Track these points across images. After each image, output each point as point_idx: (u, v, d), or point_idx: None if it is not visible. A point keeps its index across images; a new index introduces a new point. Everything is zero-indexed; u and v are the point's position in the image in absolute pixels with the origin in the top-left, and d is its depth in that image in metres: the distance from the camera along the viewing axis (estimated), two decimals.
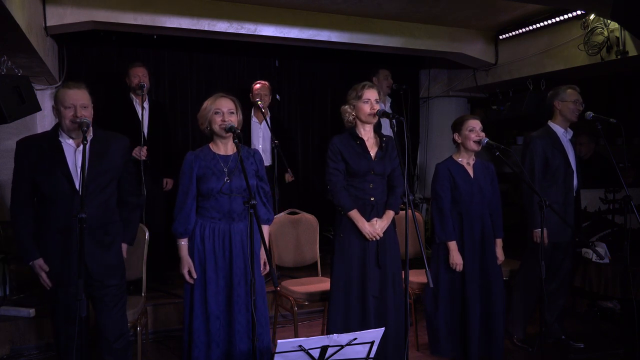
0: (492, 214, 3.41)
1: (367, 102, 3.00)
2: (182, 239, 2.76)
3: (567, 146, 3.67)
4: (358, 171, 3.02)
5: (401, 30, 5.15)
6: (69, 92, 2.56)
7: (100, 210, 2.62)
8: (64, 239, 2.55)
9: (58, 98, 2.57)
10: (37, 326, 3.75)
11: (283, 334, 3.99)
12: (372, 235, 2.99)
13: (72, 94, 2.55)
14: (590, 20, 4.49)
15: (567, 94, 3.65)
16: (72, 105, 2.53)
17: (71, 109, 2.53)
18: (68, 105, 2.53)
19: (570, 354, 3.71)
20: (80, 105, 2.54)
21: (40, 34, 4.01)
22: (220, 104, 2.73)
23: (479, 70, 5.84)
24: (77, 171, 2.56)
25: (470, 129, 3.29)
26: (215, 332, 2.71)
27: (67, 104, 2.53)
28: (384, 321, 3.02)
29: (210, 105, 2.75)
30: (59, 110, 2.56)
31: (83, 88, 2.61)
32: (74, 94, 2.55)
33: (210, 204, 2.73)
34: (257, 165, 2.85)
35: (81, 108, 2.54)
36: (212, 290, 2.72)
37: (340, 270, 3.06)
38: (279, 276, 4.37)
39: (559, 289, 3.78)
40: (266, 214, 2.89)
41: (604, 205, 4.22)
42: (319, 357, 2.06)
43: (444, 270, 3.36)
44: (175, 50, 5.51)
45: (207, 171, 2.72)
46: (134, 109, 4.38)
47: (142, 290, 3.39)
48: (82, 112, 2.53)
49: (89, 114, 2.58)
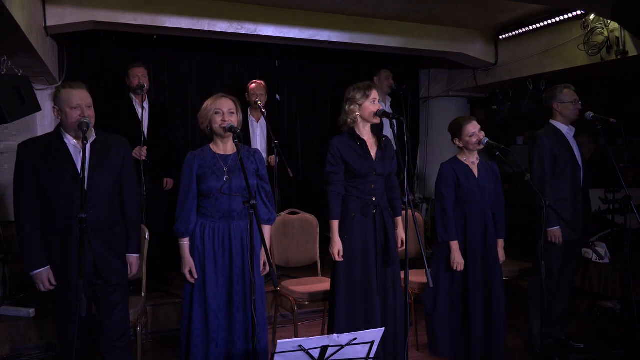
0: (495, 214, 3.40)
1: (374, 101, 3.02)
2: (183, 238, 2.77)
3: (572, 142, 3.65)
4: (360, 172, 3.02)
5: (401, 30, 5.16)
6: (74, 92, 2.55)
7: (106, 210, 2.63)
8: (66, 240, 2.55)
9: (62, 98, 2.54)
10: (37, 326, 3.75)
11: (283, 334, 3.99)
12: (335, 253, 3.02)
13: (78, 94, 2.55)
14: (590, 20, 4.49)
15: (564, 95, 3.63)
16: (78, 106, 2.53)
17: (78, 109, 2.53)
18: (74, 106, 2.52)
19: (570, 354, 3.70)
20: (86, 105, 2.55)
21: (40, 34, 4.01)
22: (220, 104, 2.74)
23: (479, 70, 5.84)
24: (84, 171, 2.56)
25: (471, 135, 3.29)
26: (214, 331, 2.72)
27: (74, 105, 2.52)
28: (387, 321, 3.03)
29: (210, 105, 2.76)
30: (62, 111, 2.54)
31: (85, 88, 2.61)
32: (79, 94, 2.55)
33: (211, 203, 2.74)
34: (258, 164, 2.85)
35: (87, 108, 2.55)
36: (212, 289, 2.73)
37: (344, 271, 3.05)
38: (279, 276, 4.37)
39: (561, 289, 3.77)
40: (267, 214, 2.89)
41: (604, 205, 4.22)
42: (319, 357, 2.06)
43: (444, 270, 3.35)
44: (175, 50, 5.51)
45: (207, 171, 2.73)
46: (134, 109, 4.38)
47: (142, 290, 3.39)
48: (88, 112, 2.54)
49: (93, 113, 2.59)
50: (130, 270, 2.79)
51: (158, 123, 4.48)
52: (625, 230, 3.57)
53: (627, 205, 3.21)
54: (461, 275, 3.32)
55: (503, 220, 3.44)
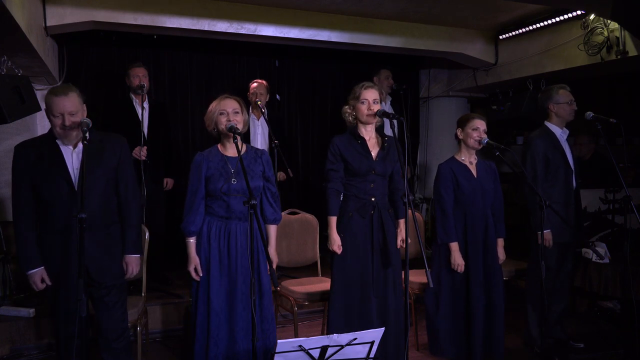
0: (495, 213, 3.40)
1: (364, 102, 3.01)
2: (190, 237, 2.79)
3: (565, 146, 3.66)
4: (359, 171, 3.02)
5: (401, 30, 5.16)
6: (55, 99, 2.49)
7: (101, 211, 2.62)
8: (64, 240, 2.55)
9: (47, 105, 2.52)
10: (37, 326, 3.75)
11: (283, 334, 3.98)
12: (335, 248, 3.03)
13: (59, 101, 2.48)
14: (590, 20, 4.49)
15: (560, 96, 3.63)
16: (59, 115, 2.49)
17: (59, 118, 2.49)
18: (56, 115, 2.49)
19: (570, 354, 3.70)
20: (68, 113, 2.49)
21: (40, 34, 4.01)
22: (225, 105, 2.75)
23: (479, 70, 5.84)
24: (75, 173, 2.56)
25: (474, 128, 3.28)
26: (214, 329, 2.73)
27: (55, 113, 2.49)
28: (386, 322, 3.02)
29: (215, 107, 2.77)
30: (48, 117, 2.53)
31: (71, 92, 2.53)
32: (60, 102, 2.48)
33: (218, 203, 2.76)
34: (264, 166, 2.87)
35: (69, 116, 2.49)
36: (215, 287, 2.75)
37: (340, 270, 3.06)
38: (279, 276, 4.37)
39: (559, 290, 3.78)
40: (273, 214, 2.91)
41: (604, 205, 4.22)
42: (319, 357, 2.06)
43: (446, 271, 3.35)
44: (175, 50, 5.51)
45: (215, 172, 2.75)
46: (134, 109, 4.38)
47: (142, 290, 3.39)
48: (70, 120, 2.49)
49: (79, 119, 2.52)
50: (130, 271, 2.76)
51: (158, 123, 4.47)
52: (625, 230, 3.57)
53: (627, 205, 3.21)
54: (462, 276, 3.32)
55: (502, 220, 3.44)
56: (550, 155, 3.59)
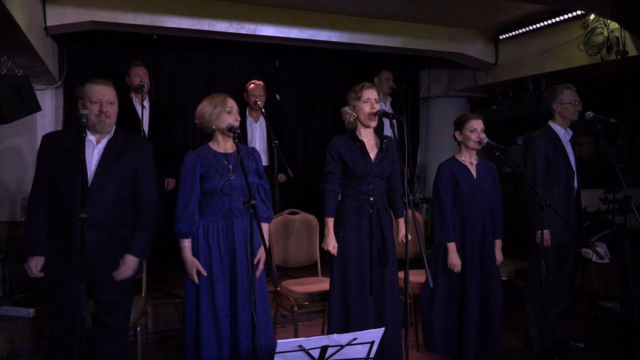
0: (493, 214, 3.39)
1: (367, 101, 3.01)
2: (185, 239, 2.73)
3: (567, 147, 3.65)
4: (357, 173, 3.03)
5: (401, 30, 5.16)
6: (95, 87, 2.60)
7: (108, 211, 2.58)
8: (68, 238, 2.54)
9: (84, 93, 2.59)
10: (37, 326, 3.75)
11: (283, 334, 3.99)
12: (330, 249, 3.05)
13: (99, 89, 2.60)
14: (590, 20, 4.49)
15: (565, 96, 3.61)
16: (98, 101, 2.57)
17: (97, 104, 2.57)
18: (95, 100, 2.57)
19: (570, 354, 3.70)
20: (107, 101, 2.59)
21: (40, 34, 4.01)
22: (232, 104, 2.77)
23: (479, 70, 5.84)
24: (92, 169, 2.57)
25: (472, 130, 3.28)
26: (225, 330, 2.70)
27: (94, 99, 2.57)
28: (383, 321, 3.03)
29: (220, 105, 2.75)
30: (84, 105, 2.58)
31: (110, 85, 2.67)
32: (100, 90, 2.60)
33: (214, 202, 2.74)
34: (257, 162, 2.87)
35: (107, 104, 2.59)
36: (220, 288, 2.71)
37: (338, 270, 3.06)
38: (279, 276, 4.37)
39: (559, 290, 3.78)
40: (265, 212, 2.89)
41: (604, 205, 4.22)
42: (319, 357, 2.06)
43: (442, 271, 3.35)
44: (175, 50, 5.51)
45: (211, 169, 2.73)
46: (134, 108, 4.37)
47: (142, 290, 3.39)
48: (107, 108, 2.58)
49: (114, 111, 2.63)
50: (122, 271, 2.61)
51: (158, 122, 4.47)
52: (625, 230, 3.58)
53: (627, 205, 3.21)
54: (459, 276, 3.32)
55: (500, 221, 3.43)
56: (552, 156, 3.58)
